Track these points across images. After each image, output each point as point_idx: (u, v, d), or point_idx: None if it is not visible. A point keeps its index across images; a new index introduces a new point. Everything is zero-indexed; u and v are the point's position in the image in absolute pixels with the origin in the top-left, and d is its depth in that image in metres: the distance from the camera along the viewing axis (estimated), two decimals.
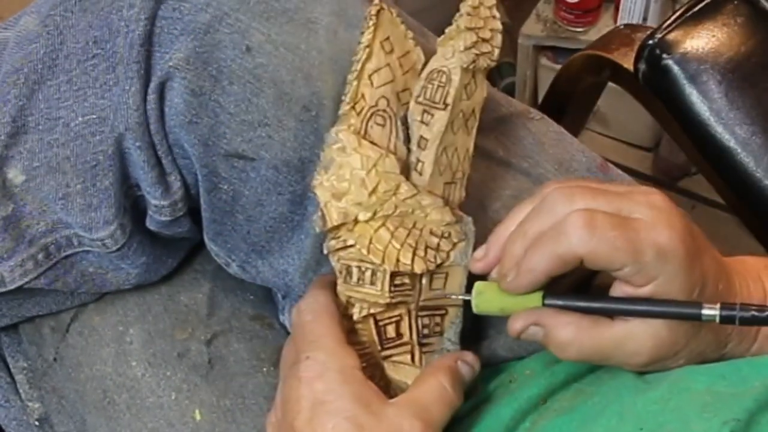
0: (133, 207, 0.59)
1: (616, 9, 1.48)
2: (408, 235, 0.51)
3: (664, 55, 0.74)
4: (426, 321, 0.53)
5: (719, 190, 0.82)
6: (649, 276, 0.46)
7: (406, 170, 0.51)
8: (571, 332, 0.48)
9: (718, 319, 0.45)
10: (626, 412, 0.47)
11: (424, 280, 0.52)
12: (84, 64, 0.55)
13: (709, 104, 0.73)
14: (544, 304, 0.48)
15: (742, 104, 0.73)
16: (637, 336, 0.47)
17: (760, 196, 0.73)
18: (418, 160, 0.52)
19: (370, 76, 0.51)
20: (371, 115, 0.51)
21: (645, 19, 1.44)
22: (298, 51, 0.54)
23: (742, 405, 0.44)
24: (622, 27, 0.91)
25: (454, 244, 0.52)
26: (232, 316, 0.67)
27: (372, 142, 0.51)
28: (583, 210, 0.46)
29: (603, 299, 0.48)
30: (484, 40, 0.51)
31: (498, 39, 0.52)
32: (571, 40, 1.52)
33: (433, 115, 0.51)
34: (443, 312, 0.54)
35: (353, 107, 0.50)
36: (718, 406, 0.45)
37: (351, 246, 0.50)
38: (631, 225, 0.46)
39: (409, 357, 0.53)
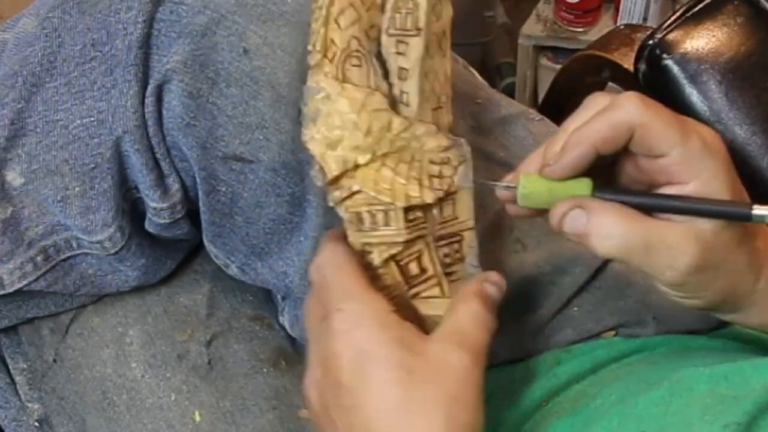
0: (131, 209, 0.59)
1: (616, 9, 1.48)
2: (409, 168, 0.50)
3: (664, 55, 0.74)
4: (446, 250, 0.52)
5: None
6: (694, 168, 0.44)
7: (392, 105, 0.50)
8: (617, 218, 0.45)
9: None
10: (627, 414, 0.47)
11: (434, 210, 0.51)
12: (82, 67, 0.55)
13: (709, 104, 0.73)
14: (593, 195, 0.46)
15: (742, 104, 0.73)
16: (683, 235, 0.45)
17: (760, 196, 0.73)
18: (402, 92, 0.50)
19: (336, 20, 0.49)
20: (345, 58, 0.49)
21: (645, 19, 1.44)
22: (295, 54, 0.54)
23: (742, 408, 0.43)
24: (622, 27, 0.91)
25: (455, 168, 0.51)
26: (231, 317, 0.67)
27: (352, 84, 0.49)
28: (637, 93, 0.45)
29: (653, 195, 0.46)
30: None
31: None
32: (571, 40, 1.52)
33: (407, 44, 0.50)
34: (460, 238, 0.52)
35: (325, 55, 0.49)
36: (719, 409, 0.45)
37: (357, 192, 0.49)
38: (681, 117, 0.45)
39: (437, 290, 0.52)
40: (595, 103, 0.46)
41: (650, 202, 0.46)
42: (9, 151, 0.56)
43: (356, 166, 0.49)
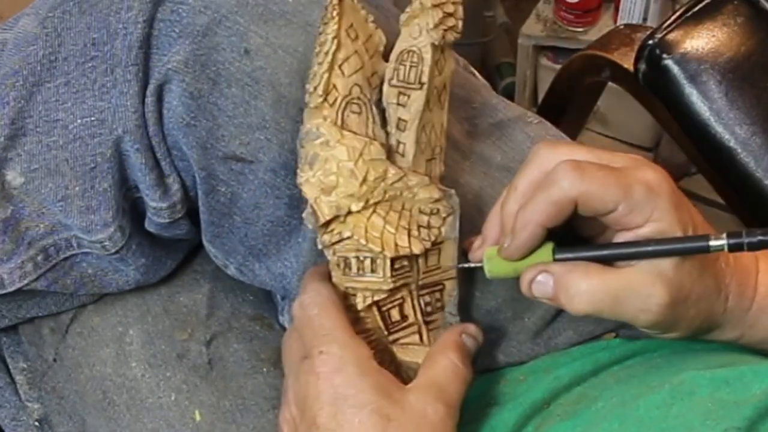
0: (132, 209, 0.59)
1: (616, 9, 1.48)
2: (399, 217, 0.51)
3: (664, 55, 0.74)
4: (427, 299, 0.53)
5: (719, 190, 0.82)
6: (644, 213, 0.46)
7: (388, 154, 0.51)
8: (581, 277, 0.47)
9: (726, 248, 0.45)
10: (628, 417, 0.47)
11: (420, 260, 0.52)
12: (82, 66, 0.55)
13: (709, 104, 0.73)
14: (554, 259, 0.48)
15: (742, 104, 0.73)
16: (645, 277, 0.47)
17: (760, 196, 0.73)
18: (399, 142, 0.51)
19: (340, 66, 0.50)
20: (346, 104, 0.50)
21: (645, 19, 1.44)
22: (296, 54, 0.54)
23: (743, 413, 0.44)
24: (622, 27, 0.91)
25: (444, 219, 0.52)
26: (231, 317, 0.67)
27: (351, 131, 0.50)
28: (570, 159, 0.47)
29: (611, 246, 0.48)
30: (449, 15, 0.51)
31: (460, 11, 0.52)
32: (571, 40, 1.51)
33: (409, 96, 0.51)
34: (441, 287, 0.54)
35: (325, 99, 0.50)
36: (720, 413, 0.45)
37: (347, 238, 0.50)
38: (617, 168, 0.47)
39: (417, 337, 0.53)
40: (528, 174, 0.49)
41: (609, 253, 0.48)
42: (9, 151, 0.56)
43: (348, 213, 0.50)
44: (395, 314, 0.52)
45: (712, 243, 0.45)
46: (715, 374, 0.48)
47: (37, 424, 0.66)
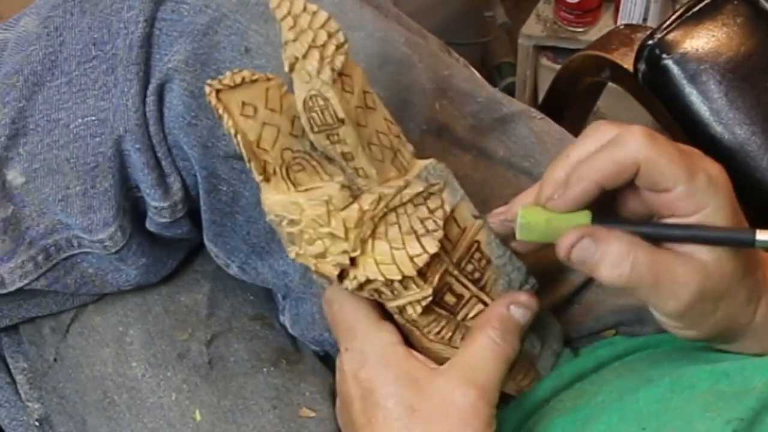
0: (132, 208, 0.59)
1: (616, 9, 1.48)
2: (400, 228, 0.49)
3: (664, 55, 0.74)
4: (470, 267, 0.51)
5: None
6: (699, 203, 0.44)
7: (351, 182, 0.50)
8: (625, 245, 0.44)
9: None
10: (627, 410, 0.47)
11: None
12: (83, 66, 0.55)
13: (709, 104, 0.73)
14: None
15: (742, 104, 0.73)
16: (686, 265, 0.45)
17: (760, 196, 0.73)
18: (356, 168, 0.49)
19: (258, 146, 0.48)
20: (287, 169, 0.49)
21: (645, 19, 1.44)
22: None
23: (745, 404, 0.43)
24: (622, 27, 0.91)
25: (440, 196, 0.50)
26: (232, 317, 0.67)
27: (307, 189, 0.49)
28: (643, 127, 0.45)
29: (655, 225, 0.46)
30: (323, 45, 0.46)
31: (332, 24, 0.46)
32: (571, 40, 1.51)
33: (338, 134, 0.48)
34: (476, 244, 0.51)
35: (265, 178, 0.49)
36: (721, 405, 0.44)
37: (366, 281, 0.49)
38: (687, 150, 0.45)
39: (481, 305, 0.51)
40: (599, 133, 0.46)
41: (653, 231, 0.45)
42: (10, 150, 0.56)
43: (353, 260, 0.48)
44: (450, 299, 0.51)
45: (759, 237, 0.44)
46: (715, 368, 0.48)
47: (37, 423, 0.66)
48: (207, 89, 0.47)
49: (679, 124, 0.77)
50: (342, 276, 0.49)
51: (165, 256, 0.65)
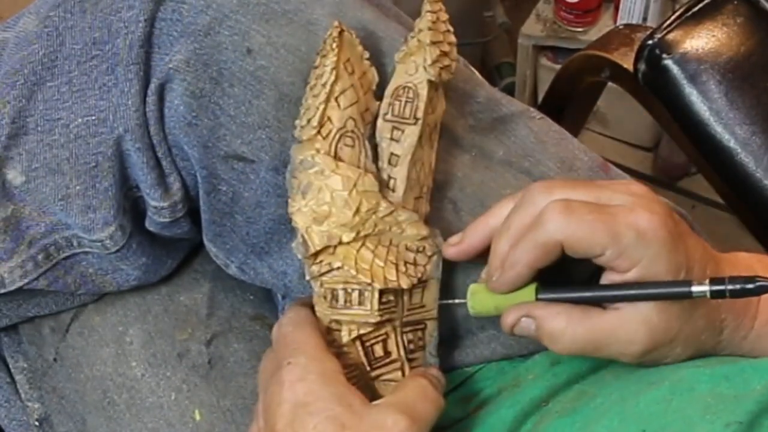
0: (132, 208, 0.59)
1: (616, 9, 1.48)
2: (388, 252, 0.51)
3: (664, 55, 0.74)
4: (410, 336, 0.54)
5: (719, 190, 0.82)
6: (632, 259, 0.46)
7: (379, 188, 0.52)
8: (562, 322, 0.48)
9: (708, 294, 0.45)
10: (628, 413, 0.47)
11: (405, 296, 0.53)
12: (83, 66, 0.55)
13: (709, 104, 0.73)
14: (537, 299, 0.49)
15: (742, 104, 0.73)
16: (628, 323, 0.47)
17: (760, 196, 0.73)
18: (390, 177, 0.52)
19: (337, 98, 0.50)
20: (340, 137, 0.50)
21: (645, 19, 1.44)
22: (298, 53, 0.54)
23: (744, 407, 0.43)
24: (621, 27, 0.91)
25: (429, 258, 0.52)
26: (231, 317, 0.67)
27: (345, 163, 0.51)
28: (560, 199, 0.47)
29: (593, 288, 0.48)
30: (445, 54, 0.52)
31: (454, 52, 0.53)
32: (571, 40, 1.51)
33: (403, 131, 0.51)
34: (424, 326, 0.54)
35: (319, 132, 0.50)
36: (720, 408, 0.45)
37: (336, 269, 0.50)
38: (609, 210, 0.46)
39: (399, 374, 0.53)
40: (533, 206, 0.48)
41: (592, 295, 0.48)
42: (10, 150, 0.56)
43: (338, 244, 0.50)
44: (379, 350, 0.53)
45: (695, 289, 0.45)
46: (715, 370, 0.48)
47: (37, 423, 0.66)
48: (335, 23, 0.50)
49: (679, 124, 0.77)
50: (317, 255, 0.50)
51: (165, 256, 0.65)
